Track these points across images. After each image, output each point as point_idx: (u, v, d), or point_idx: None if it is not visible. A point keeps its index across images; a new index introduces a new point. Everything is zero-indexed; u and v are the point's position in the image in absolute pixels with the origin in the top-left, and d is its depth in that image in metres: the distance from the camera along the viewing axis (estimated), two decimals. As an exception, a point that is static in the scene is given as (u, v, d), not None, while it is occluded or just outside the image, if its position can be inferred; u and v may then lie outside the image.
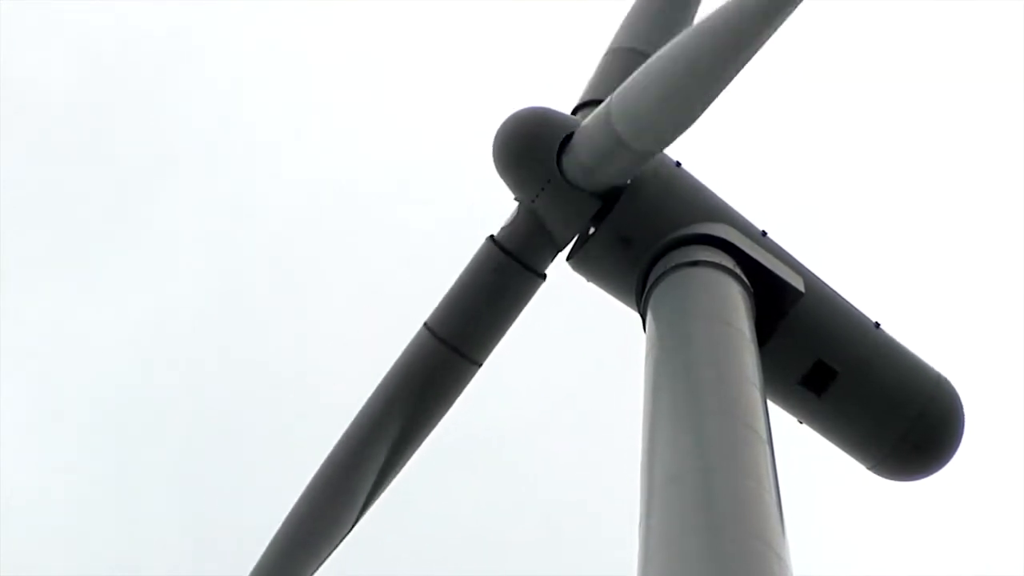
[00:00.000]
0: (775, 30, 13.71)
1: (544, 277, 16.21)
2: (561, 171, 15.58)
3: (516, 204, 16.19)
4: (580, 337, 32.69)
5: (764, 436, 12.03)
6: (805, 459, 17.37)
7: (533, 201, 15.81)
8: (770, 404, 14.15)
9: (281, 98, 41.95)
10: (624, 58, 17.07)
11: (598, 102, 15.77)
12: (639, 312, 15.01)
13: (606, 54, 17.55)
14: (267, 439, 37.63)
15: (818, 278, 15.95)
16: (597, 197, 15.61)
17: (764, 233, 15.90)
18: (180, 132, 42.08)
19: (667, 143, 15.29)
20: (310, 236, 40.91)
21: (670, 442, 11.88)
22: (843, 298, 16.05)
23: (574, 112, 16.72)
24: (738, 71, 14.10)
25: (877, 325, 16.05)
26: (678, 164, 15.96)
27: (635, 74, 14.85)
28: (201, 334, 40.62)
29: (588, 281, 16.21)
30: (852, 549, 35.63)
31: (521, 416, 36.74)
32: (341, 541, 16.71)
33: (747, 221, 15.93)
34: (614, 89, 15.30)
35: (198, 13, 41.95)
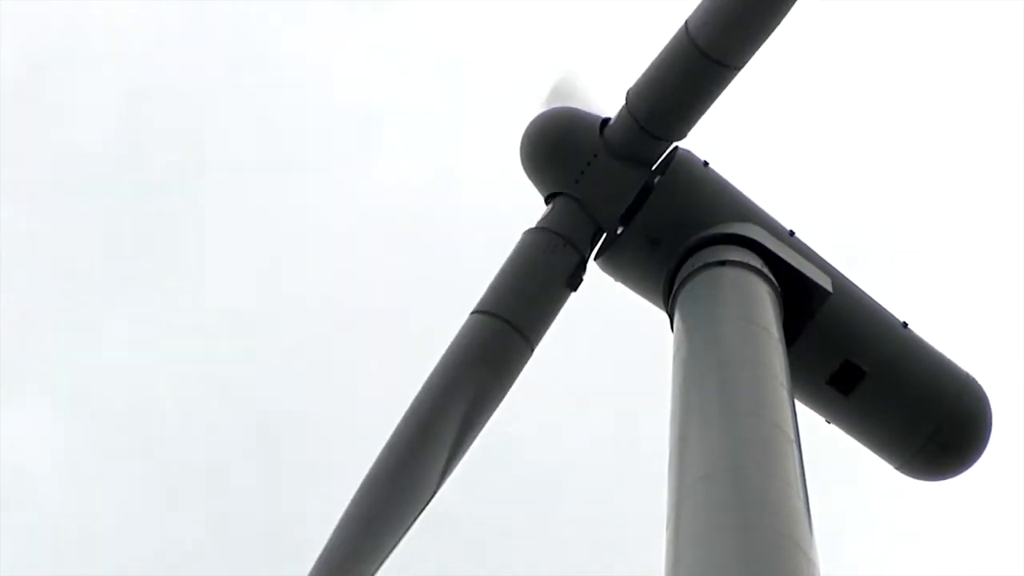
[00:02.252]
0: None
1: (585, 265, 15.97)
2: (606, 144, 15.68)
3: (549, 201, 16.19)
4: (608, 337, 32.69)
5: (792, 436, 12.03)
6: (833, 459, 17.37)
7: (576, 182, 15.83)
8: (798, 404, 14.18)
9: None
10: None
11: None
12: (667, 312, 15.02)
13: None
14: (298, 442, 37.73)
15: (846, 278, 15.95)
16: (647, 166, 15.82)
17: (792, 233, 15.90)
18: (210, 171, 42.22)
19: (751, 54, 15.42)
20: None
21: (698, 442, 11.89)
22: (871, 298, 16.05)
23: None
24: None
25: (905, 325, 16.03)
26: (706, 164, 15.97)
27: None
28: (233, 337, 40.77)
29: (616, 281, 16.24)
30: (880, 549, 35.57)
31: (549, 415, 36.74)
32: (412, 525, 15.42)
33: (775, 221, 15.93)
34: (659, 101, 15.61)
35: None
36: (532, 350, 15.68)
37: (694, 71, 15.50)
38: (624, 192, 15.81)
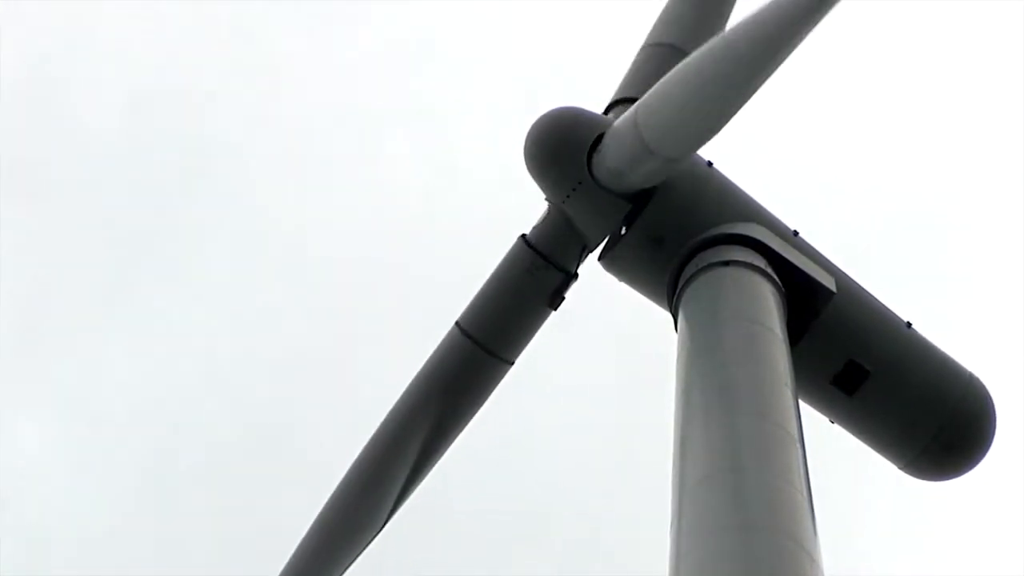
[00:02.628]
0: (804, 38, 13.62)
1: (576, 277, 16.26)
2: (591, 173, 15.60)
3: (547, 204, 16.25)
4: (612, 337, 32.70)
5: (796, 436, 12.03)
6: (837, 459, 17.37)
7: (564, 202, 15.85)
8: (802, 404, 14.18)
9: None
10: (659, 54, 17.08)
11: (632, 100, 15.79)
12: (671, 312, 15.02)
13: (641, 49, 17.54)
14: (299, 445, 37.74)
15: (850, 278, 15.94)
16: (626, 199, 15.62)
17: (796, 233, 15.89)
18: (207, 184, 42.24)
19: (693, 150, 15.31)
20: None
21: (701, 442, 11.89)
22: (875, 298, 16.04)
23: (607, 110, 16.74)
24: (765, 80, 14.02)
25: (909, 325, 16.03)
26: (710, 164, 15.96)
27: (663, 80, 14.81)
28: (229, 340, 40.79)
29: (620, 281, 16.23)
30: (883, 549, 35.56)
31: (553, 416, 36.75)
32: (371, 541, 16.80)
33: (779, 221, 15.93)
34: (648, 87, 15.32)
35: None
36: (511, 363, 16.34)
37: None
38: (608, 219, 15.96)
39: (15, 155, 40.49)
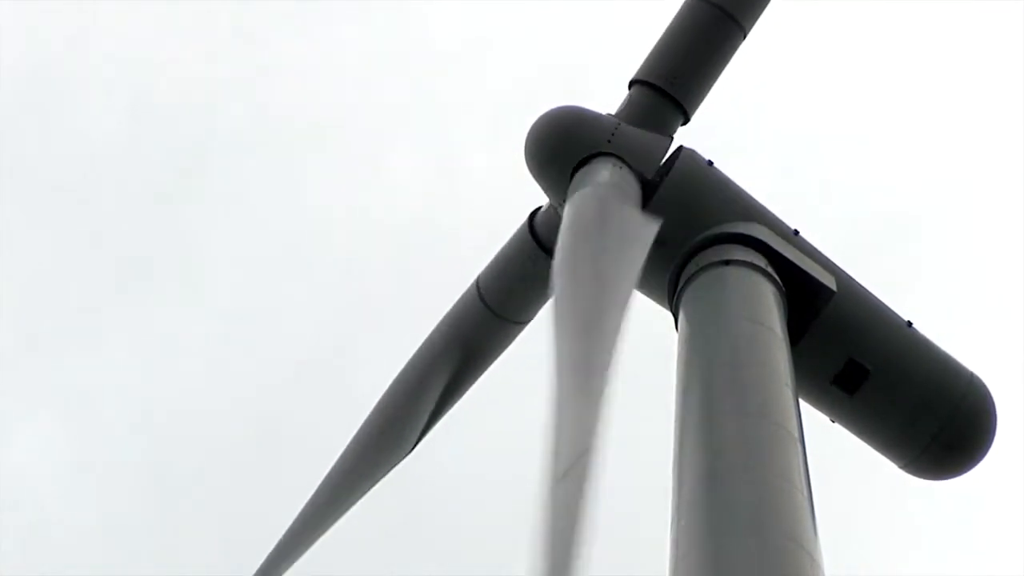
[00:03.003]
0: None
1: None
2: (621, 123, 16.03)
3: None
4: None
5: (796, 435, 12.01)
6: (837, 458, 17.35)
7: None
8: (802, 403, 14.16)
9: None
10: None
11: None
12: (671, 311, 15.00)
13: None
14: (302, 450, 37.72)
15: (850, 277, 15.93)
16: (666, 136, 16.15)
17: (796, 232, 15.88)
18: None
19: None
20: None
21: (702, 442, 11.87)
22: (875, 297, 16.02)
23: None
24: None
25: (909, 324, 16.01)
26: (710, 163, 15.95)
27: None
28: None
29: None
30: (884, 548, 35.54)
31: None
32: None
33: (779, 220, 15.92)
34: (678, 63, 15.70)
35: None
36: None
37: (708, 28, 16.34)
38: (656, 147, 15.98)
39: (15, 159, 40.52)
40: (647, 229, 13.33)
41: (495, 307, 17.08)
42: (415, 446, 17.49)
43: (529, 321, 17.24)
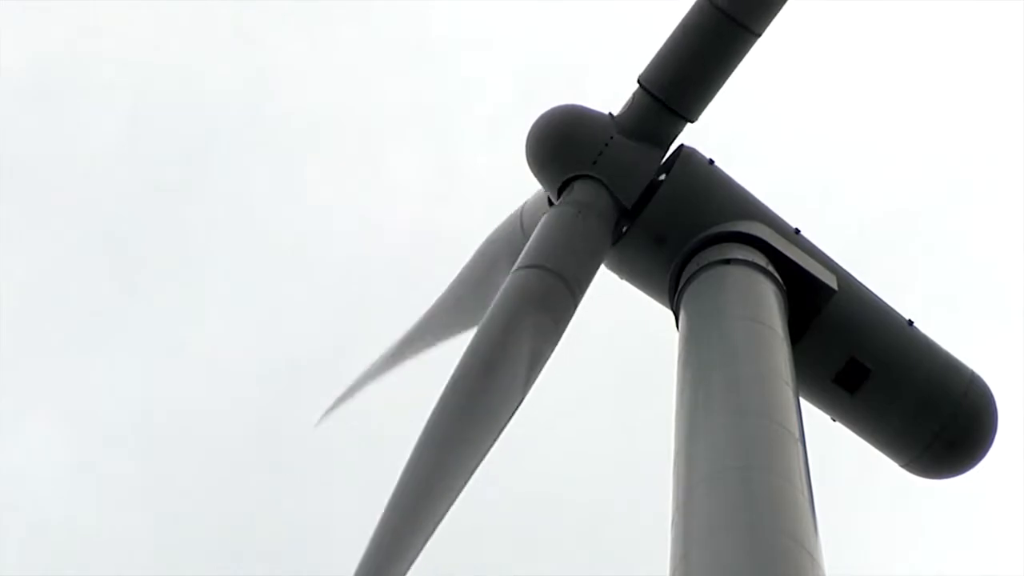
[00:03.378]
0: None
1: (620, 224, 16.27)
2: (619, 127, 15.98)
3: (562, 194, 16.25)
4: (614, 335, 32.68)
5: (797, 434, 12.01)
6: (838, 457, 17.35)
7: (594, 163, 15.87)
8: (803, 402, 14.16)
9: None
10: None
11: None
12: (672, 310, 15.00)
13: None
14: (305, 455, 37.74)
15: (851, 276, 15.93)
16: (661, 147, 15.98)
17: (797, 231, 15.88)
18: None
19: None
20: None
21: (703, 440, 11.87)
22: (876, 296, 16.02)
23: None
24: None
25: (910, 323, 16.02)
26: (711, 162, 15.94)
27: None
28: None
29: (621, 279, 16.22)
30: (885, 547, 35.56)
31: (553, 414, 36.72)
32: (510, 419, 13.95)
33: (780, 219, 15.92)
34: (688, 64, 15.67)
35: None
36: (576, 305, 14.67)
37: (715, 34, 15.70)
38: (643, 170, 15.82)
39: (14, 154, 40.52)
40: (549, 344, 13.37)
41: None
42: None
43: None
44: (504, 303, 14.40)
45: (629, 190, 15.76)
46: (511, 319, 14.23)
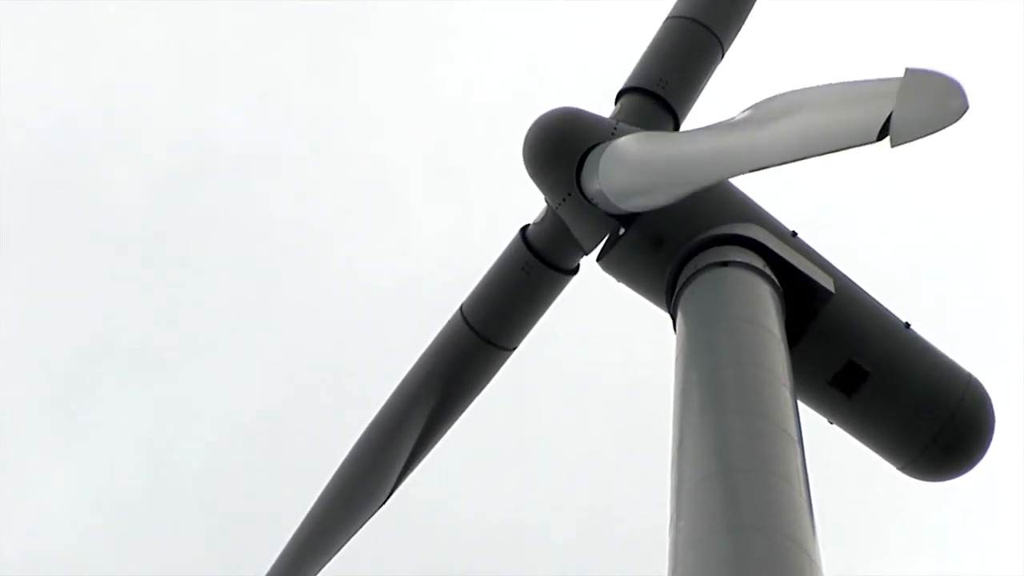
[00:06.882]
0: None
1: (574, 272, 16.43)
2: (580, 187, 15.70)
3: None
4: (611, 338, 32.69)
5: (795, 437, 12.02)
6: (836, 459, 17.37)
7: (558, 207, 15.92)
8: (801, 405, 14.17)
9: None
10: (681, 28, 17.02)
11: (644, 91, 16.08)
12: (669, 313, 15.01)
13: (664, 22, 17.43)
14: (298, 451, 37.75)
15: (848, 279, 15.94)
16: (614, 217, 15.71)
17: (794, 233, 15.89)
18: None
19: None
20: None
21: (700, 443, 11.88)
22: (873, 299, 16.03)
23: (619, 96, 16.75)
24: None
25: (907, 325, 16.03)
26: (708, 164, 15.96)
27: (628, 152, 15.17)
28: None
29: (618, 281, 16.23)
30: (883, 549, 35.57)
31: (552, 416, 36.74)
32: (366, 521, 17.03)
33: (777, 221, 15.93)
34: (667, 67, 15.83)
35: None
36: (512, 350, 16.51)
37: (692, 35, 16.82)
38: (597, 232, 16.14)
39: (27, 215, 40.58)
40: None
41: (483, 332, 16.61)
42: (391, 494, 16.93)
43: (516, 347, 16.80)
44: (421, 365, 16.67)
45: (587, 240, 16.15)
46: (419, 387, 16.67)
